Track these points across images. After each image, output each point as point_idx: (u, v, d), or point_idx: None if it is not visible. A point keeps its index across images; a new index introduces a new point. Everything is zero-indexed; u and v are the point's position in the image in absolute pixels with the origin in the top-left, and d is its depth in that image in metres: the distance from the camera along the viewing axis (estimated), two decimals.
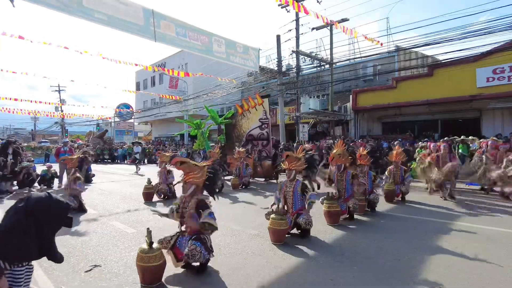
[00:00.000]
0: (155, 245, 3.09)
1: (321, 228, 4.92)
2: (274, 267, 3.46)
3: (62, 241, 4.45)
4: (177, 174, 4.62)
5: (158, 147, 24.30)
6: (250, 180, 10.29)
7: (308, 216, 4.46)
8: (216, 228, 3.38)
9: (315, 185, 9.42)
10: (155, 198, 7.70)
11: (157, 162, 8.50)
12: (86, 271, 3.38)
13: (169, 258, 3.29)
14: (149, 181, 7.70)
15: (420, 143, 12.09)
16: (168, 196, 7.72)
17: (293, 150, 9.88)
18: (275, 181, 10.78)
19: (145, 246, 3.04)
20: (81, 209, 6.31)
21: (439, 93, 14.37)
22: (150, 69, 14.17)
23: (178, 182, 3.69)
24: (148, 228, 3.13)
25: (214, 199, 3.62)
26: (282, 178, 8.06)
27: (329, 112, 17.76)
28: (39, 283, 3.07)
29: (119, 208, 6.66)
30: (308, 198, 4.54)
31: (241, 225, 5.23)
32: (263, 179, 11.25)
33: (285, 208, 4.65)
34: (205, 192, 3.61)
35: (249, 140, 12.69)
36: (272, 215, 4.29)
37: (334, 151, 5.67)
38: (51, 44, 9.52)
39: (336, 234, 4.70)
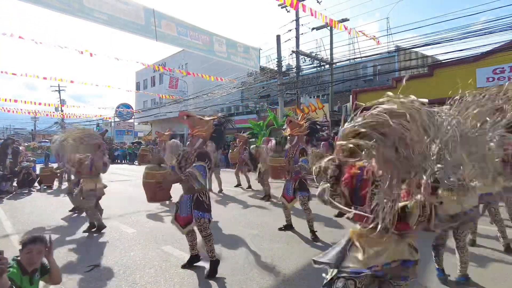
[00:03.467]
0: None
1: (322, 228, 4.92)
2: (274, 267, 3.46)
3: (62, 241, 4.45)
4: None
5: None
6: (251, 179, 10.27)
7: (305, 198, 4.46)
8: (202, 185, 3.16)
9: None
10: None
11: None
12: (86, 271, 3.38)
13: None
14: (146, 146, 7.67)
15: None
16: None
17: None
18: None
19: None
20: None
21: (439, 93, 14.31)
22: (152, 67, 14.23)
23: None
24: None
25: (219, 150, 3.57)
26: None
27: (329, 112, 17.74)
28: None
29: (119, 208, 6.65)
30: (300, 163, 4.42)
31: (241, 225, 5.22)
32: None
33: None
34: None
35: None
36: (271, 154, 4.29)
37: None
38: (50, 44, 9.51)
39: (336, 234, 4.69)
